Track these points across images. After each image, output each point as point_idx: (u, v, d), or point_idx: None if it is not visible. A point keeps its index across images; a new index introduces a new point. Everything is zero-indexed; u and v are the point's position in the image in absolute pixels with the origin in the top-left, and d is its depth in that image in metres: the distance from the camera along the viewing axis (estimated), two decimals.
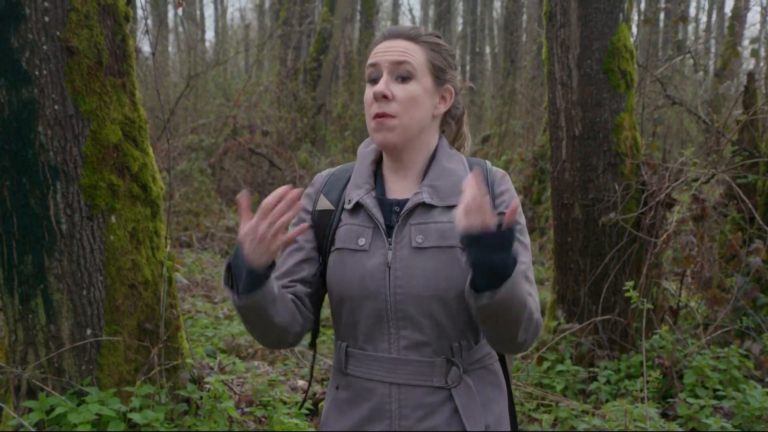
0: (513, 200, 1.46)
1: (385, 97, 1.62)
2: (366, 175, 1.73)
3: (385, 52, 1.65)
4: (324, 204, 1.74)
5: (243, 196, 1.48)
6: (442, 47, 1.70)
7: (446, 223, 1.63)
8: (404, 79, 1.64)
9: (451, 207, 1.64)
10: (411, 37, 1.66)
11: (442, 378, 1.63)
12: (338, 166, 1.82)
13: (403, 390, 1.63)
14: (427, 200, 1.65)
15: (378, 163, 1.76)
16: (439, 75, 1.68)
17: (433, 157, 1.72)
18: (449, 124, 1.78)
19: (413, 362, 1.63)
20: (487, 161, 1.77)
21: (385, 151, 1.71)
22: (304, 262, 1.72)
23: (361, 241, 1.65)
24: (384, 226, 1.65)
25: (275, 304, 1.58)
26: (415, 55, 1.65)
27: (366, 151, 1.78)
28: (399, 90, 1.63)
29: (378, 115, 1.63)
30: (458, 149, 1.82)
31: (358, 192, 1.70)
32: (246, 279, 1.51)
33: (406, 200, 1.68)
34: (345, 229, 1.69)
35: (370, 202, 1.68)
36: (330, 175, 1.79)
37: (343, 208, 1.72)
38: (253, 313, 1.56)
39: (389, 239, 1.65)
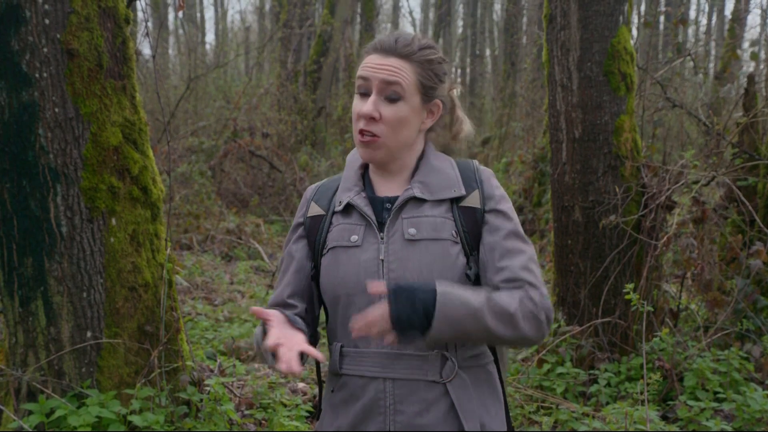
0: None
1: (372, 118, 1.65)
2: (354, 178, 1.77)
3: (377, 68, 1.66)
4: (315, 210, 1.78)
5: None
6: (434, 62, 1.70)
7: (437, 216, 1.67)
8: (393, 100, 1.65)
9: (441, 201, 1.69)
10: (404, 55, 1.67)
11: (437, 372, 1.64)
12: (327, 178, 1.87)
13: (397, 385, 1.64)
14: (418, 194, 1.69)
15: (366, 167, 1.80)
16: (427, 93, 1.70)
17: (421, 158, 1.76)
18: (434, 130, 1.80)
19: (407, 356, 1.64)
20: (474, 161, 1.80)
21: (370, 163, 1.76)
22: (305, 277, 1.77)
23: (354, 238, 1.68)
24: (376, 222, 1.69)
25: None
26: (406, 75, 1.66)
27: (354, 158, 1.82)
28: (387, 111, 1.65)
29: (363, 133, 1.67)
30: (457, 133, 1.84)
31: (348, 194, 1.74)
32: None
33: (397, 197, 1.71)
34: (337, 229, 1.72)
35: (360, 201, 1.72)
36: (320, 186, 1.84)
37: (333, 212, 1.75)
38: None
39: (381, 234, 1.67)
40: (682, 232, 4.71)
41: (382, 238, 1.67)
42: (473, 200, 1.70)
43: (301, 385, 4.59)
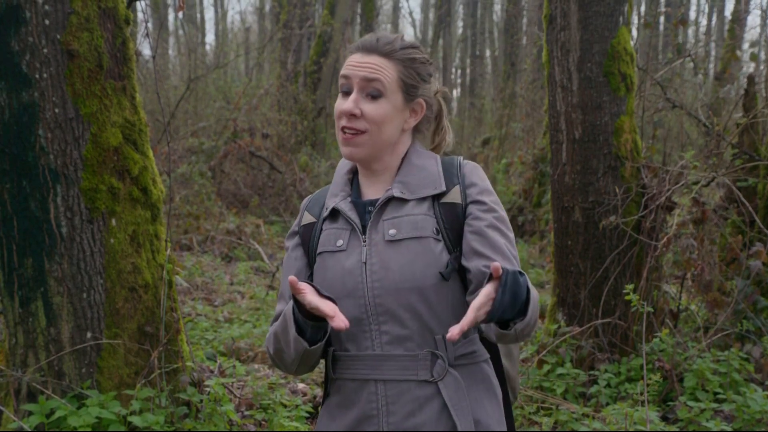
0: (493, 264, 1.41)
1: (353, 115, 1.66)
2: (342, 183, 1.79)
3: (358, 66, 1.67)
4: (307, 219, 1.81)
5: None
6: (416, 61, 1.71)
7: (418, 215, 1.68)
8: (374, 97, 1.66)
9: (423, 199, 1.69)
10: (385, 53, 1.68)
11: (428, 371, 1.64)
12: (323, 188, 1.89)
13: (389, 386, 1.65)
14: (398, 194, 1.69)
15: (355, 172, 1.82)
16: (409, 91, 1.70)
17: (404, 158, 1.76)
18: (421, 131, 1.81)
19: (397, 357, 1.64)
20: (460, 157, 1.80)
21: (353, 162, 1.77)
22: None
23: (339, 242, 1.70)
24: (360, 226, 1.70)
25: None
26: (387, 72, 1.67)
27: (342, 164, 1.84)
28: (368, 108, 1.66)
29: (345, 130, 1.68)
30: (439, 143, 1.86)
31: (334, 199, 1.76)
32: (320, 331, 1.64)
33: (379, 199, 1.72)
34: (325, 234, 1.75)
35: (345, 206, 1.73)
36: (314, 195, 1.87)
37: (323, 218, 1.77)
38: (315, 354, 1.67)
39: (364, 237, 1.68)
40: (682, 233, 4.71)
41: (364, 242, 1.68)
42: (454, 196, 1.70)
43: (301, 385, 4.59)
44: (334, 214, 1.75)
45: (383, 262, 1.64)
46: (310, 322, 1.60)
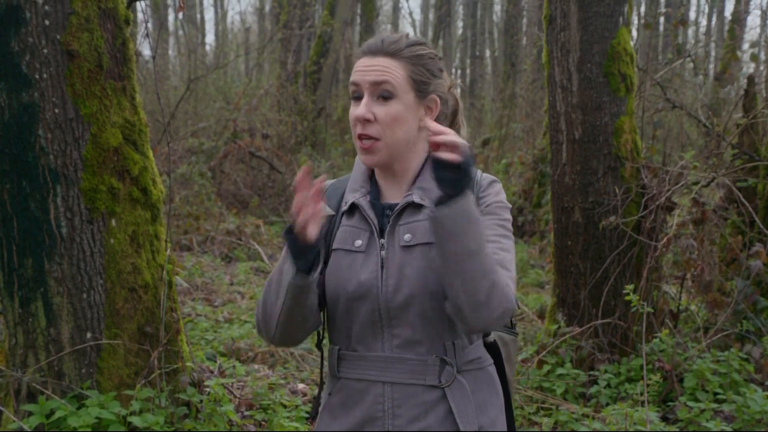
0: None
1: (367, 120, 1.65)
2: (361, 180, 1.77)
3: (366, 71, 1.66)
4: (325, 210, 1.76)
5: (303, 172, 1.53)
6: (424, 57, 1.69)
7: None
8: (385, 98, 1.65)
9: None
10: (391, 53, 1.66)
11: (436, 377, 1.64)
12: (338, 178, 1.86)
13: (396, 389, 1.65)
14: (417, 200, 1.68)
15: (373, 169, 1.80)
16: (421, 89, 1.68)
17: (425, 162, 1.74)
18: None
19: (406, 361, 1.64)
20: (478, 170, 1.78)
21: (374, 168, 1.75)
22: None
23: (358, 243, 1.69)
24: (378, 228, 1.69)
25: (315, 292, 1.63)
26: (395, 72, 1.65)
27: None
28: (380, 111, 1.64)
29: (361, 137, 1.66)
30: None
31: (354, 195, 1.74)
32: (307, 255, 1.56)
33: (398, 204, 1.71)
34: (342, 231, 1.73)
35: (365, 204, 1.72)
36: (330, 185, 1.83)
37: (342, 212, 1.76)
38: (303, 293, 1.59)
39: (382, 240, 1.68)
40: (682, 233, 4.71)
41: (382, 245, 1.67)
42: None
43: (300, 386, 4.59)
44: (352, 210, 1.74)
45: (399, 267, 1.64)
46: (300, 243, 1.55)
